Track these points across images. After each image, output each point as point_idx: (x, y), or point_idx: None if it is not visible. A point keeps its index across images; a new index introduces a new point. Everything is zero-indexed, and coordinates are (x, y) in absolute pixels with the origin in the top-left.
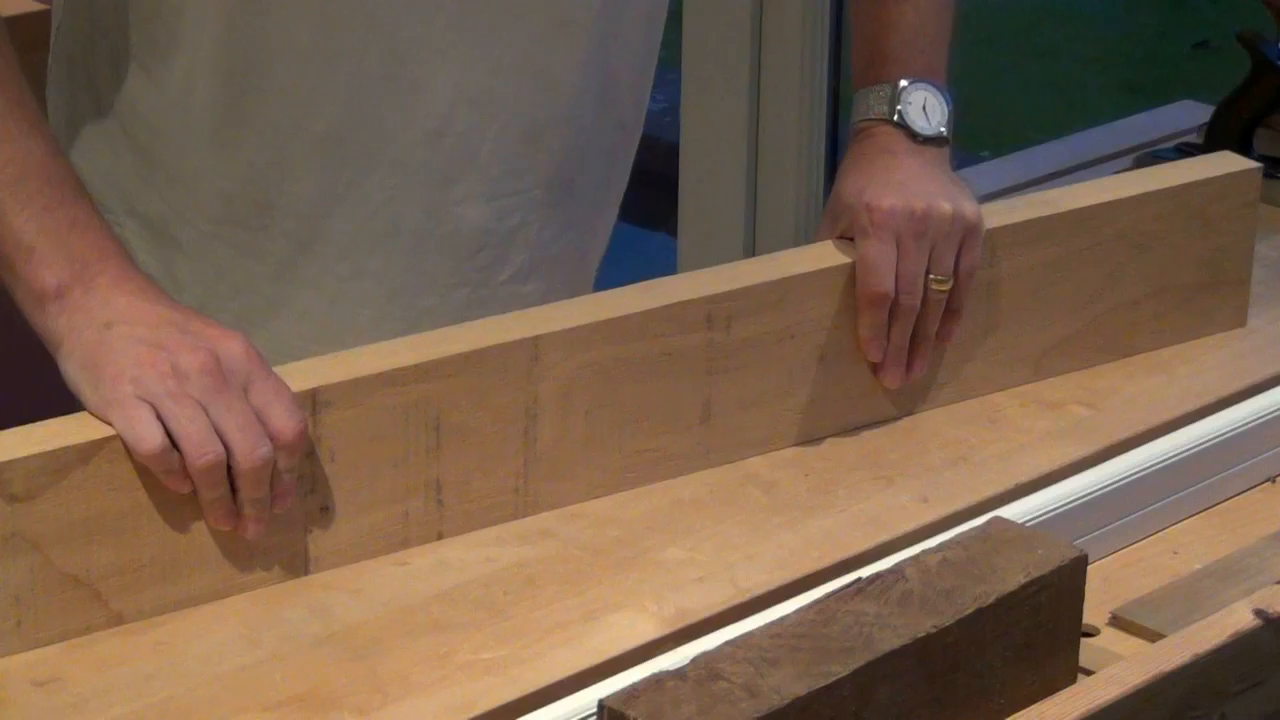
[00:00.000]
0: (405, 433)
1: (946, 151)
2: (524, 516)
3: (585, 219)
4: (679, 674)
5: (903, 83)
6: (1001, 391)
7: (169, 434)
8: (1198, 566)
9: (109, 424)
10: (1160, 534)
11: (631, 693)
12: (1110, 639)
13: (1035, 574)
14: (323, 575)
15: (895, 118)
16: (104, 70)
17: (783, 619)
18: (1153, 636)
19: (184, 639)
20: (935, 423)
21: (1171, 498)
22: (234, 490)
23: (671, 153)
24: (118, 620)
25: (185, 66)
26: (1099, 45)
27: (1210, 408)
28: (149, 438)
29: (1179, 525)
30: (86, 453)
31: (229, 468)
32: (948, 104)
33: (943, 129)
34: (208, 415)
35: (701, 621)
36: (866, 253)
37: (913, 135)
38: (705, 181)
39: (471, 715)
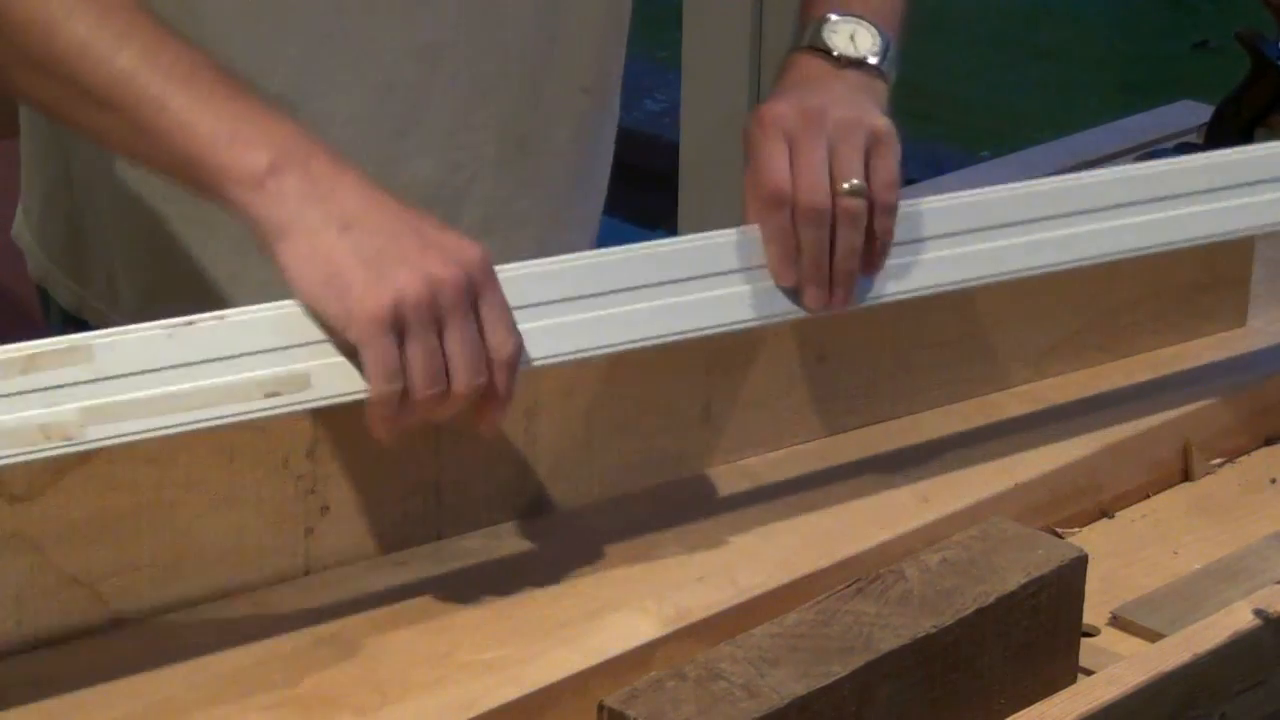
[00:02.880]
0: (405, 432)
1: (879, 85)
2: (524, 516)
3: (548, 180)
4: (679, 674)
5: (831, 17)
6: (1001, 391)
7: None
8: (1198, 566)
9: (347, 343)
10: (1160, 533)
11: (631, 693)
12: (1110, 639)
13: (1035, 574)
14: (323, 575)
15: (816, 44)
16: None
17: (783, 619)
18: (1153, 636)
19: (184, 639)
20: (935, 423)
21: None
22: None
23: (671, 153)
24: (118, 620)
25: None
26: (1099, 45)
27: (1209, 406)
28: (396, 385)
29: (1180, 524)
30: (87, 453)
31: None
32: (883, 39)
33: (871, 57)
34: (443, 339)
35: (701, 621)
36: (755, 153)
37: (833, 57)
38: (705, 181)
39: (471, 715)
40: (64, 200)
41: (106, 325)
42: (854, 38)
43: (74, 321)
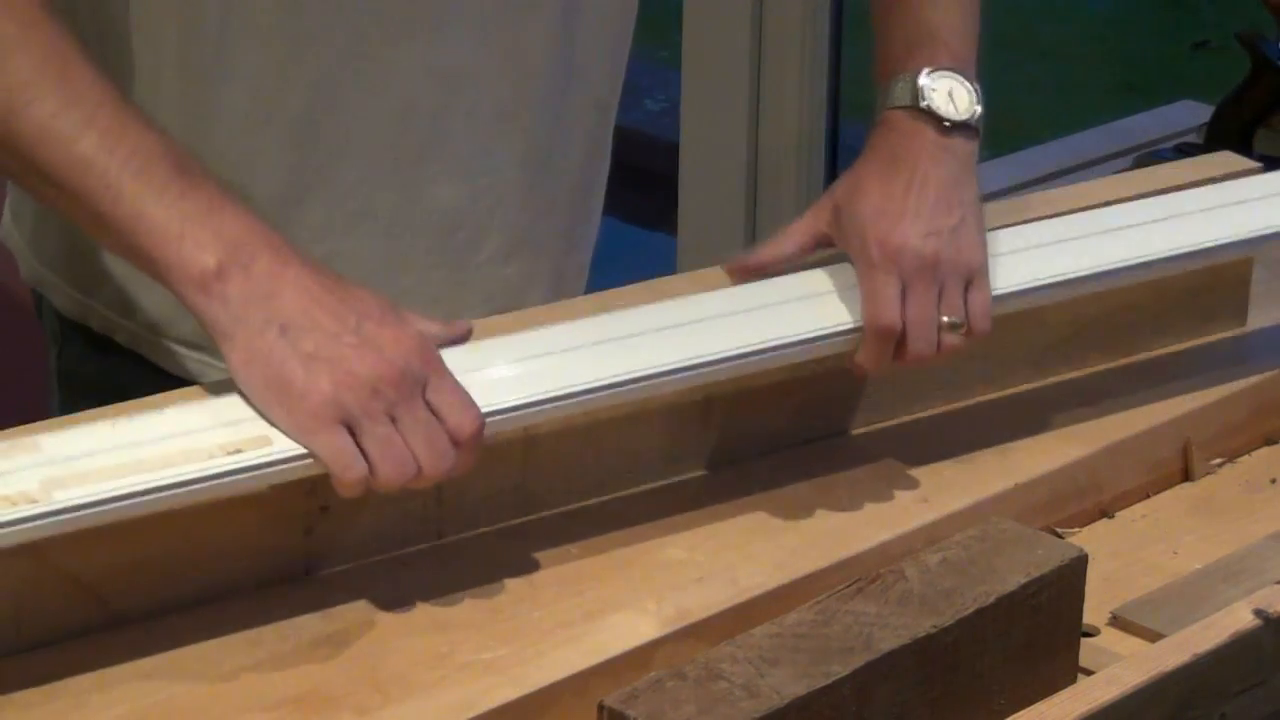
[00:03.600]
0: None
1: (974, 149)
2: (524, 516)
3: (567, 202)
4: (679, 674)
5: (926, 73)
6: (1001, 392)
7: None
8: (1198, 566)
9: (306, 448)
10: (1160, 533)
11: (631, 693)
12: (1110, 639)
13: (1035, 574)
14: (323, 575)
15: (919, 104)
16: None
17: (782, 619)
18: (1153, 636)
19: (184, 639)
20: (935, 423)
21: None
22: None
23: (671, 153)
24: (118, 620)
25: (150, 65)
26: (1099, 45)
27: (1210, 406)
28: (357, 469)
29: (1180, 524)
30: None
31: None
32: (977, 96)
33: (970, 120)
34: (397, 429)
35: (701, 621)
36: (873, 286)
37: (939, 122)
38: (705, 181)
39: (471, 715)
40: None
41: (120, 333)
42: (953, 97)
43: (75, 326)
